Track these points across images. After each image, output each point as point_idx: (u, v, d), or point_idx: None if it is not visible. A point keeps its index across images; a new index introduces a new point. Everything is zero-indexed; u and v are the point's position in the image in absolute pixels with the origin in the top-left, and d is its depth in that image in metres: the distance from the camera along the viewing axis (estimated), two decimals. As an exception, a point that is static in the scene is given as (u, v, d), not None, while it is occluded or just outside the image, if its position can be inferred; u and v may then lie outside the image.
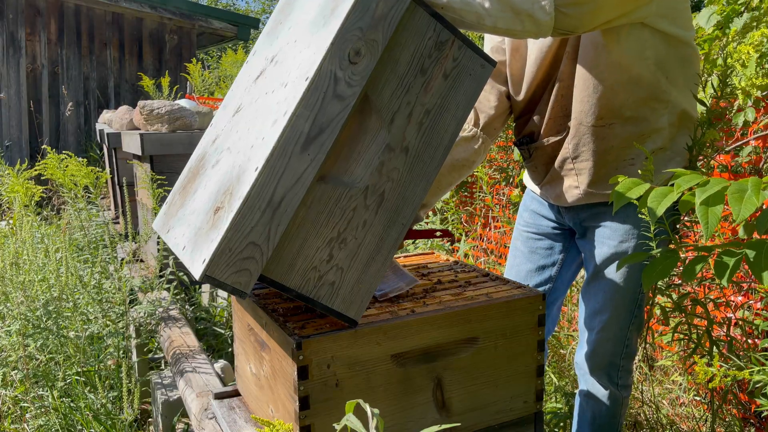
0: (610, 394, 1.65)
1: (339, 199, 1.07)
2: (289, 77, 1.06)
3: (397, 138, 1.11)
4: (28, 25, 7.96)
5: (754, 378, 1.32)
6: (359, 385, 1.13)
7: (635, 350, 1.65)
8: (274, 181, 0.97)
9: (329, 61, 0.99)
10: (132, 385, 2.17)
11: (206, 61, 17.28)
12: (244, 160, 1.03)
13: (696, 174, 1.13)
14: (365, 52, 1.02)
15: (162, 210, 1.31)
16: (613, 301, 1.58)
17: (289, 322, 1.16)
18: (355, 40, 1.00)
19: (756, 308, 2.16)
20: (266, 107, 1.08)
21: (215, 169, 1.14)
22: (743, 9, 2.64)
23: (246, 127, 1.11)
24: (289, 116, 0.97)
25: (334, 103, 1.00)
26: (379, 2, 1.02)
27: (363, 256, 1.11)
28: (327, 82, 0.99)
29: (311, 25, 1.10)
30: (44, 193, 3.24)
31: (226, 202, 1.00)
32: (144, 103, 2.62)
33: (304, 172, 0.99)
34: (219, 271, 0.95)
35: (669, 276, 1.21)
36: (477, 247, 3.93)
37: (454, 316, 1.20)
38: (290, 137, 0.98)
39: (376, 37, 1.03)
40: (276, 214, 0.98)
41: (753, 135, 2.19)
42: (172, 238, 1.15)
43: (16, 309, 2.09)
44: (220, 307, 2.74)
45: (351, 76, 1.01)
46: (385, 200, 1.11)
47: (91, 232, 2.81)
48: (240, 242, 0.96)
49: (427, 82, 1.12)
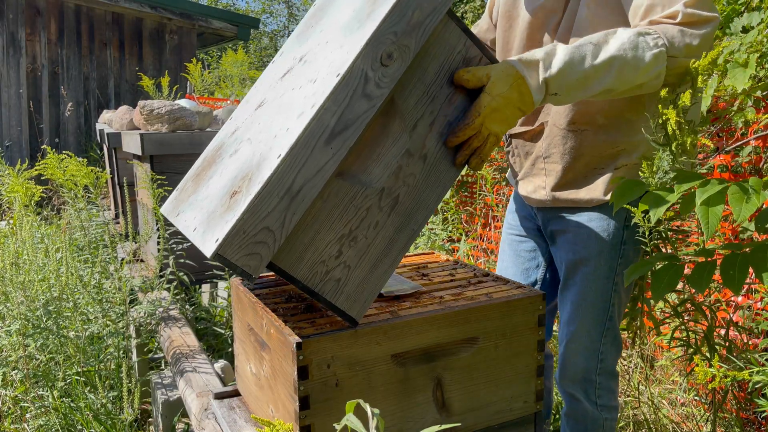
0: (588, 413, 1.59)
1: (355, 196, 1.08)
2: (319, 74, 1.08)
3: (417, 144, 1.13)
4: (28, 25, 7.96)
5: (754, 378, 1.32)
6: (359, 385, 1.13)
7: (613, 367, 1.59)
8: (295, 170, 0.98)
9: (362, 60, 1.01)
10: (132, 385, 2.17)
11: (206, 61, 17.28)
12: (266, 149, 1.04)
13: (696, 174, 1.13)
14: (397, 56, 1.04)
15: (172, 195, 1.33)
16: (580, 312, 1.53)
17: (289, 322, 1.16)
18: (389, 43, 1.03)
19: (756, 308, 2.16)
20: (292, 101, 1.10)
21: (233, 158, 1.16)
22: (743, 9, 2.64)
23: (269, 119, 1.13)
24: (316, 109, 0.99)
25: (361, 101, 1.02)
26: (415, 11, 1.05)
27: (371, 256, 1.11)
28: (357, 80, 1.01)
29: (345, 28, 1.12)
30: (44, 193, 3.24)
31: (244, 186, 1.01)
32: (144, 103, 2.62)
33: (325, 165, 1.00)
34: (231, 252, 0.95)
35: (676, 287, 1.21)
36: (477, 247, 3.93)
37: (454, 316, 1.20)
38: (315, 129, 0.99)
39: (409, 44, 1.05)
40: (293, 202, 0.99)
41: (753, 135, 2.19)
42: (182, 221, 1.16)
43: (16, 309, 2.09)
44: (220, 307, 2.74)
45: (381, 77, 1.03)
46: (399, 204, 1.13)
47: (91, 232, 2.81)
48: (255, 226, 0.97)
49: (451, 94, 1.15)
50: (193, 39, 9.15)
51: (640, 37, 1.23)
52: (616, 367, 1.61)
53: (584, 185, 1.48)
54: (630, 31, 1.24)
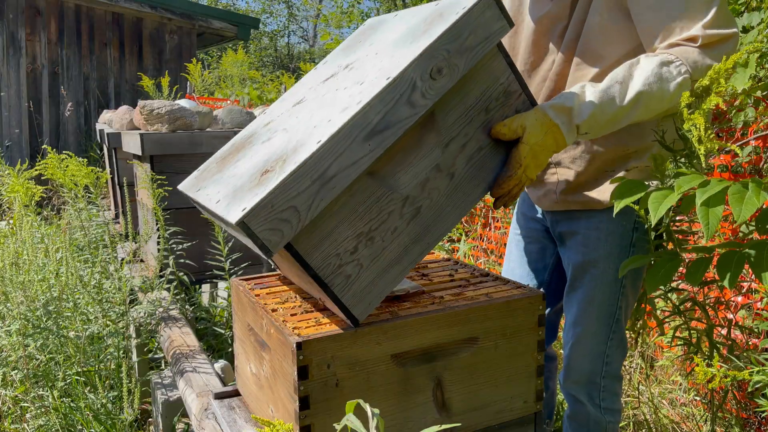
0: (592, 416, 1.59)
1: (380, 198, 1.11)
2: (367, 78, 1.13)
3: (447, 162, 1.17)
4: (28, 25, 7.96)
5: (754, 378, 1.32)
6: (359, 385, 1.13)
7: (618, 370, 1.58)
8: (331, 158, 1.01)
9: (413, 69, 1.06)
10: (132, 385, 2.17)
11: (206, 61, 17.28)
12: (304, 136, 1.08)
13: (697, 175, 1.12)
14: (446, 73, 1.09)
15: (193, 174, 1.36)
16: (586, 314, 1.53)
17: (289, 322, 1.16)
18: (440, 59, 1.08)
19: (756, 308, 2.16)
20: (335, 99, 1.14)
21: (265, 144, 1.19)
22: (743, 9, 2.64)
23: (309, 113, 1.17)
24: (362, 105, 1.03)
25: (406, 107, 1.06)
26: (470, 35, 1.11)
27: (384, 260, 1.13)
28: (406, 86, 1.06)
29: (397, 43, 1.19)
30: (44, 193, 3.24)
31: (278, 166, 1.04)
32: (144, 103, 2.62)
33: (360, 160, 1.03)
34: (255, 223, 0.97)
35: (671, 280, 1.21)
36: (477, 247, 3.93)
37: (454, 316, 1.20)
38: (358, 123, 1.03)
39: (459, 63, 1.11)
40: (324, 188, 1.01)
41: (753, 135, 2.19)
42: (204, 195, 1.19)
43: (16, 309, 2.09)
44: (220, 307, 2.74)
45: (428, 89, 1.08)
46: (419, 215, 1.15)
47: (91, 232, 2.81)
48: (283, 203, 0.99)
49: (488, 121, 1.20)
50: (193, 39, 9.15)
51: (664, 67, 1.24)
52: (621, 370, 1.60)
53: (594, 187, 1.48)
54: (652, 61, 1.25)
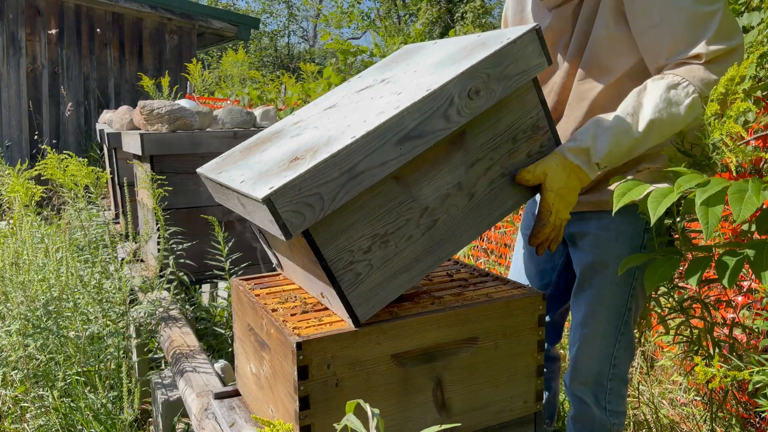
0: (597, 418, 1.58)
1: (400, 204, 1.13)
2: (405, 89, 1.17)
3: (469, 181, 1.20)
4: (28, 25, 7.96)
5: (754, 378, 1.32)
6: (359, 385, 1.13)
7: (625, 373, 1.57)
8: (363, 154, 1.04)
9: (453, 85, 1.10)
10: (132, 385, 2.17)
11: (206, 61, 17.28)
12: (337, 133, 1.10)
13: (696, 174, 1.13)
14: (483, 95, 1.13)
15: (213, 161, 1.38)
16: (595, 315, 1.52)
17: (289, 322, 1.16)
18: (480, 81, 1.13)
19: (756, 308, 2.16)
20: (370, 105, 1.18)
21: (294, 138, 1.21)
22: (743, 9, 2.64)
23: (342, 115, 1.21)
24: (399, 110, 1.06)
25: (441, 120, 1.10)
26: (510, 64, 1.16)
27: (394, 265, 1.14)
28: (444, 100, 1.10)
29: (437, 65, 1.22)
30: (44, 193, 3.24)
31: (308, 155, 1.06)
32: (144, 103, 2.62)
33: (390, 161, 1.06)
34: (281, 202, 0.99)
35: (671, 278, 1.21)
36: (477, 247, 3.93)
37: (454, 316, 1.20)
38: (394, 126, 1.06)
39: (496, 89, 1.15)
40: (350, 181, 1.04)
41: (753, 135, 2.19)
42: (226, 176, 1.20)
43: (16, 309, 2.09)
44: (220, 307, 2.74)
45: (464, 107, 1.12)
46: (435, 227, 1.17)
47: (92, 232, 2.81)
48: (310, 188, 1.01)
49: (513, 151, 1.24)
50: (193, 39, 9.15)
51: (671, 91, 1.25)
52: (628, 372, 1.59)
53: (606, 188, 1.48)
54: (660, 86, 1.25)
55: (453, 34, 5.44)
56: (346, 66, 6.91)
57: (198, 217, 2.56)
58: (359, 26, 21.32)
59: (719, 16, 1.25)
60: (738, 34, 1.27)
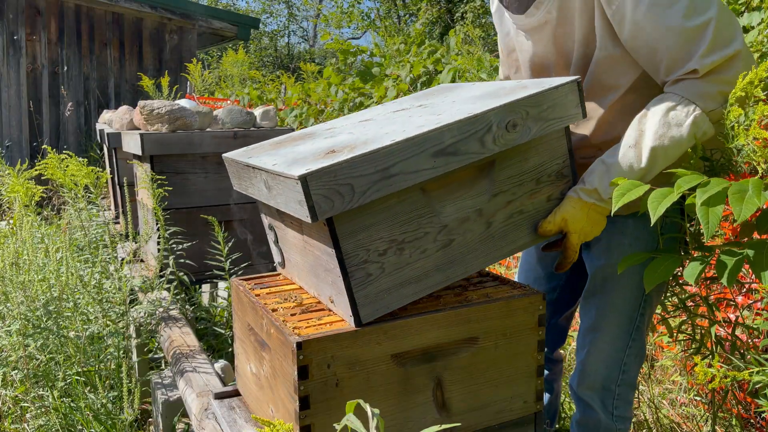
0: (602, 423, 1.56)
1: (422, 215, 1.16)
2: (445, 112, 1.23)
3: (489, 210, 1.24)
4: (28, 25, 7.96)
5: (754, 379, 1.32)
6: (359, 385, 1.13)
7: (634, 379, 1.56)
8: (399, 158, 1.08)
9: (494, 114, 1.16)
10: (132, 385, 2.17)
11: (206, 61, 17.27)
12: (375, 137, 1.15)
13: (697, 174, 1.13)
14: (519, 130, 1.20)
15: (241, 149, 1.43)
16: (607, 319, 1.51)
17: (289, 322, 1.16)
18: (518, 116, 1.19)
19: (756, 308, 2.15)
20: (408, 120, 1.23)
21: (328, 138, 1.25)
22: (743, 9, 2.64)
23: (378, 127, 1.25)
24: (440, 125, 1.12)
25: (476, 143, 1.15)
26: (549, 108, 1.22)
27: (405, 275, 1.16)
28: (483, 125, 1.15)
29: (476, 98, 1.29)
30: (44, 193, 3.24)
31: (346, 150, 1.10)
32: (144, 103, 2.62)
33: (422, 171, 1.10)
34: (314, 184, 1.02)
35: (670, 277, 1.21)
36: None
37: (454, 316, 1.20)
38: (433, 138, 1.11)
39: (532, 127, 1.21)
40: (383, 180, 1.07)
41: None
42: (257, 160, 1.23)
43: (16, 309, 2.09)
44: (220, 307, 2.74)
45: (499, 137, 1.18)
46: (449, 246, 1.20)
47: (92, 232, 2.81)
48: (344, 177, 1.04)
49: (535, 191, 1.29)
50: (193, 39, 9.15)
51: (671, 113, 1.24)
52: (637, 379, 1.58)
53: None
54: (659, 110, 1.25)
55: (453, 34, 5.44)
56: (346, 66, 6.91)
57: (198, 217, 2.56)
58: (359, 26, 21.33)
59: (713, 26, 1.21)
60: (736, 38, 1.24)
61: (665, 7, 1.22)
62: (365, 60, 6.35)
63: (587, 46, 1.37)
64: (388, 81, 5.34)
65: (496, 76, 4.29)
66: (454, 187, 1.19)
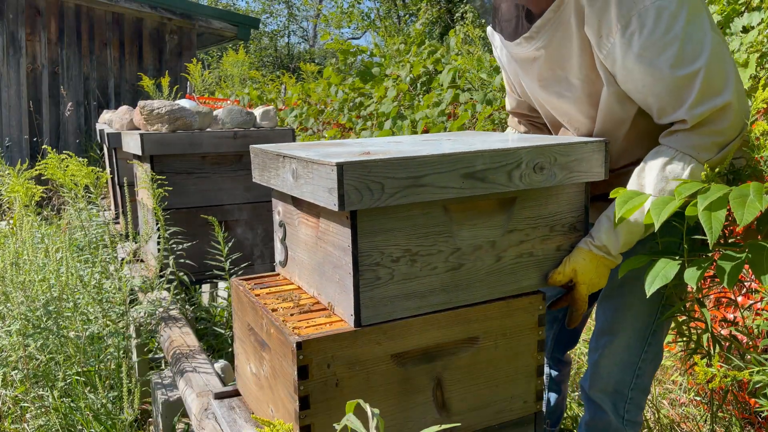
0: (612, 425, 1.54)
1: (440, 233, 1.19)
2: (476, 144, 1.27)
3: (502, 245, 1.27)
4: (28, 25, 7.96)
5: (754, 378, 1.32)
6: (359, 385, 1.13)
7: (648, 384, 1.54)
8: (432, 170, 1.13)
9: (525, 153, 1.21)
10: (132, 385, 2.17)
11: (206, 61, 17.28)
12: (409, 150, 1.19)
13: (696, 182, 1.13)
14: (545, 173, 1.25)
15: (269, 144, 1.45)
16: (623, 323, 1.49)
17: (289, 322, 1.16)
18: (547, 160, 1.24)
19: (756, 308, 2.16)
20: (440, 145, 1.27)
21: (360, 147, 1.28)
22: (743, 9, 2.64)
23: (409, 145, 1.29)
24: (475, 149, 1.17)
25: (503, 175, 1.20)
26: (575, 160, 1.28)
27: (411, 287, 1.18)
28: (513, 161, 1.20)
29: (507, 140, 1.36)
30: (44, 193, 3.23)
31: (380, 153, 1.14)
32: (144, 103, 2.62)
33: (451, 188, 1.15)
34: (348, 175, 1.05)
35: (670, 279, 1.21)
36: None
37: (454, 316, 1.20)
38: (465, 160, 1.15)
39: (557, 174, 1.26)
40: (412, 188, 1.11)
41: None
42: (289, 152, 1.26)
43: (16, 309, 2.09)
44: (220, 307, 2.74)
45: (526, 176, 1.22)
46: (458, 270, 1.22)
47: (92, 232, 2.81)
48: (377, 175, 1.08)
49: (547, 238, 1.33)
50: (193, 39, 9.14)
51: (668, 167, 1.26)
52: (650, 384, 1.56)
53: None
54: (656, 165, 1.27)
55: (453, 34, 5.45)
56: (346, 66, 6.91)
57: (198, 217, 2.56)
58: (359, 26, 21.32)
59: (701, 76, 1.19)
60: (727, 88, 1.21)
61: (654, 57, 1.21)
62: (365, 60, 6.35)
63: (592, 85, 1.37)
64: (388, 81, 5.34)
65: (496, 76, 4.27)
66: (474, 214, 1.22)
